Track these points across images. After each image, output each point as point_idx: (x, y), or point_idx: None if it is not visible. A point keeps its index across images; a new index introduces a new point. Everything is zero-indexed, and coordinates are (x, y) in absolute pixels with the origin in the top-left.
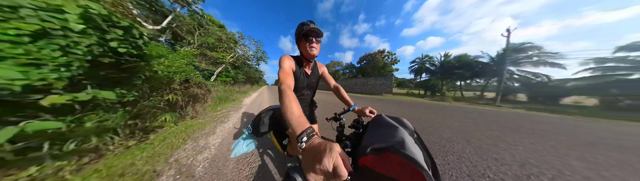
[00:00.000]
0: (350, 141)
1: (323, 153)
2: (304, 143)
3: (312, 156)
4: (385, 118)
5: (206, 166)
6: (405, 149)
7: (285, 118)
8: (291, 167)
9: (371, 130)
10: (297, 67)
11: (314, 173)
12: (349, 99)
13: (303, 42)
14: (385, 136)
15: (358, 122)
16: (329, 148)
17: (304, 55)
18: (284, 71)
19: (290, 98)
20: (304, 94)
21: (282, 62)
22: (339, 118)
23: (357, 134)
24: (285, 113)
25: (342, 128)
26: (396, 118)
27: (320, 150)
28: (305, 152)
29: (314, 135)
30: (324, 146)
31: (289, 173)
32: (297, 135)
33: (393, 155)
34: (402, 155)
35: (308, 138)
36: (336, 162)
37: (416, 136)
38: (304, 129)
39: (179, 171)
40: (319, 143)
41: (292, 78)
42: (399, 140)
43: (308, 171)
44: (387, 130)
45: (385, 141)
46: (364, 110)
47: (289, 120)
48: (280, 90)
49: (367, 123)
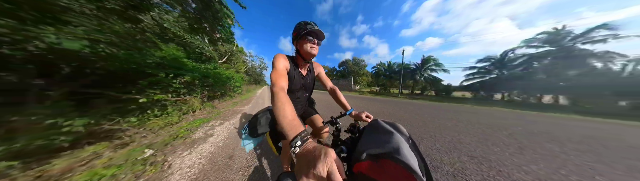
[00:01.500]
0: (346, 146)
1: (317, 159)
2: (298, 148)
3: (306, 162)
4: (381, 123)
5: (259, 96)
6: (401, 155)
7: (278, 122)
8: (284, 173)
9: (367, 135)
10: (292, 68)
11: (306, 179)
12: (345, 102)
13: (304, 40)
14: (381, 142)
15: (354, 126)
16: (324, 154)
17: (302, 55)
18: (278, 72)
19: (283, 101)
20: (300, 97)
21: (276, 61)
22: (335, 122)
23: (353, 139)
24: (277, 116)
25: (339, 133)
26: (392, 123)
27: (315, 155)
28: (299, 157)
29: (308, 139)
30: (319, 151)
31: (281, 179)
32: (290, 140)
33: (389, 161)
34: (398, 162)
35: (302, 143)
36: (330, 168)
37: (411, 142)
38: (297, 133)
39: (256, 96)
40: (314, 147)
41: (285, 79)
42: (395, 146)
43: (301, 177)
44: (383, 135)
45: (381, 147)
46: (360, 114)
47: (282, 124)
48: (273, 92)
49: (364, 127)
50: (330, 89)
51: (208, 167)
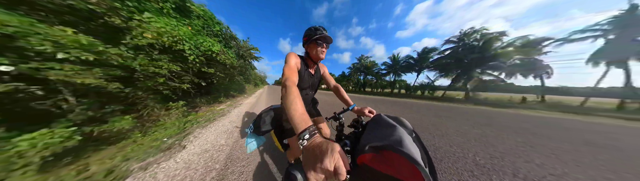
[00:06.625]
0: (350, 140)
1: (325, 154)
2: (306, 140)
3: (313, 156)
4: (384, 117)
5: (262, 92)
6: (402, 147)
7: (288, 114)
8: (292, 165)
9: (370, 129)
10: (303, 67)
11: (314, 172)
12: (348, 99)
13: (314, 45)
14: (384, 135)
15: (357, 121)
16: (331, 149)
17: (312, 57)
18: (290, 67)
19: (295, 95)
20: (308, 94)
21: (288, 58)
22: (339, 117)
23: (356, 133)
24: (288, 109)
25: (342, 128)
26: (395, 117)
27: (322, 150)
28: (306, 150)
29: (316, 134)
30: (326, 146)
31: (290, 170)
32: (299, 132)
33: (391, 152)
34: (400, 153)
35: (310, 136)
36: (337, 163)
37: (415, 135)
38: (306, 127)
39: (264, 90)
40: (320, 142)
41: (296, 74)
42: (397, 139)
43: (309, 170)
44: (386, 129)
45: (383, 140)
46: (363, 109)
47: (292, 117)
48: (285, 85)
49: (366, 122)
50: (334, 87)
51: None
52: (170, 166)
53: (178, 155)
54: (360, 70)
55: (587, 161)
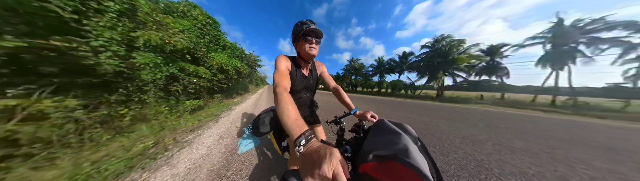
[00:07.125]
0: (350, 146)
1: (323, 159)
2: (302, 147)
3: (311, 162)
4: (387, 123)
5: (262, 92)
6: (409, 158)
7: (281, 121)
8: (288, 171)
9: (373, 135)
10: (293, 68)
11: (312, 179)
12: (349, 102)
13: (302, 41)
14: (388, 143)
15: (359, 126)
16: (329, 154)
17: (302, 56)
18: (280, 72)
19: (286, 101)
20: (303, 97)
21: (277, 62)
22: (339, 121)
23: (358, 139)
24: (281, 116)
25: (343, 132)
26: (399, 124)
27: (320, 155)
28: (303, 156)
29: (313, 139)
30: (324, 151)
31: (286, 176)
32: (294, 139)
33: (396, 163)
34: (406, 164)
35: (306, 142)
36: (336, 169)
37: (420, 144)
38: (301, 132)
39: (264, 89)
40: (318, 147)
41: (288, 79)
42: (402, 148)
43: (306, 176)
44: (390, 136)
45: (388, 148)
46: (365, 114)
47: (286, 123)
48: (276, 92)
49: (368, 127)
50: (334, 89)
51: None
52: (231, 114)
53: (231, 113)
54: (350, 72)
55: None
